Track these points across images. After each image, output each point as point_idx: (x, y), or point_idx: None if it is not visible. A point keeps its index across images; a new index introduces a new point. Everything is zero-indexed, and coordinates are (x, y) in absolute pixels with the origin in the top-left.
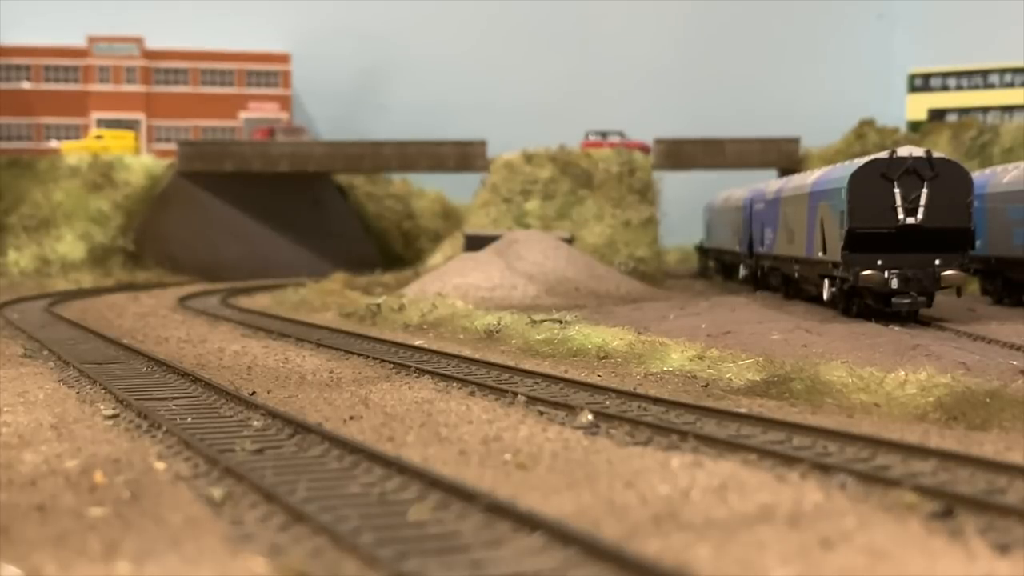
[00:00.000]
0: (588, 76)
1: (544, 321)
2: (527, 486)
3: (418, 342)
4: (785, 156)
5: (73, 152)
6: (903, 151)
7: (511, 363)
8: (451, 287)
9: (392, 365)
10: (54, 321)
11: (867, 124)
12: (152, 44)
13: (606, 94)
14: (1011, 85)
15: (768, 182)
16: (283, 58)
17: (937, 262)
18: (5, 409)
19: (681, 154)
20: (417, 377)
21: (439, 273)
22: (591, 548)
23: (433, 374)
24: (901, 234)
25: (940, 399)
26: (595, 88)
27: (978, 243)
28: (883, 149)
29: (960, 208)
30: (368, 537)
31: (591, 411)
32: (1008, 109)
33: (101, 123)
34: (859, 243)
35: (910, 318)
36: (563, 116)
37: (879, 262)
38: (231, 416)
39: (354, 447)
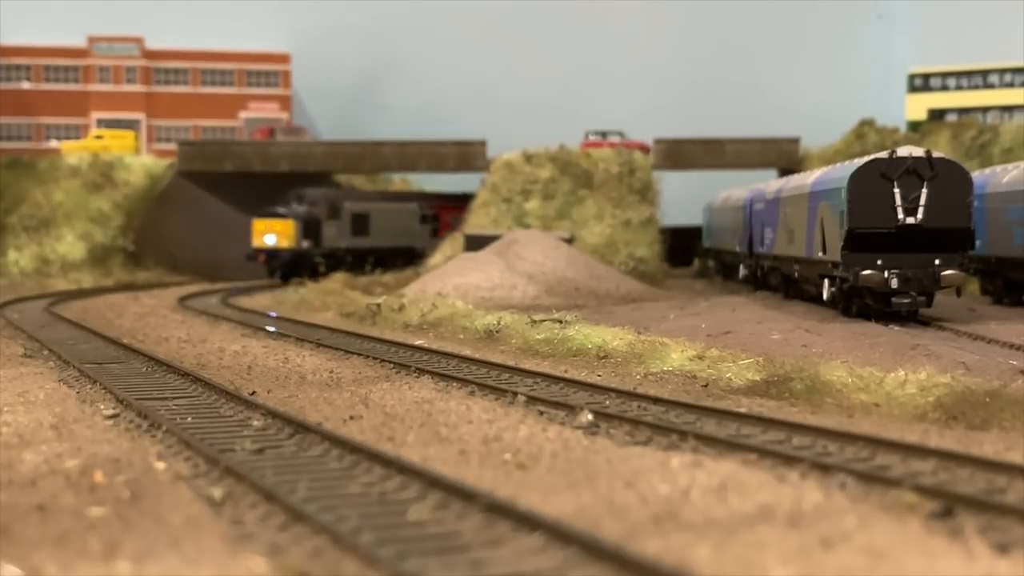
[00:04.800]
0: (588, 76)
1: (544, 321)
2: (527, 486)
3: (418, 342)
4: (785, 156)
5: (73, 152)
6: (903, 151)
7: (511, 363)
8: (451, 287)
9: (392, 365)
10: (54, 321)
11: (867, 124)
12: (152, 44)
13: (606, 94)
14: (1011, 85)
15: (768, 182)
16: (283, 58)
17: (937, 262)
18: (5, 409)
19: (681, 154)
20: (417, 377)
21: (439, 273)
22: (591, 548)
23: (433, 374)
24: (901, 234)
25: (940, 399)
26: (595, 88)
27: (978, 243)
28: (883, 149)
29: (960, 208)
30: (368, 537)
31: (591, 411)
32: (1008, 109)
33: (101, 123)
34: (859, 243)
35: (910, 318)
36: (563, 116)
37: (879, 262)
38: (231, 416)
39: (354, 447)
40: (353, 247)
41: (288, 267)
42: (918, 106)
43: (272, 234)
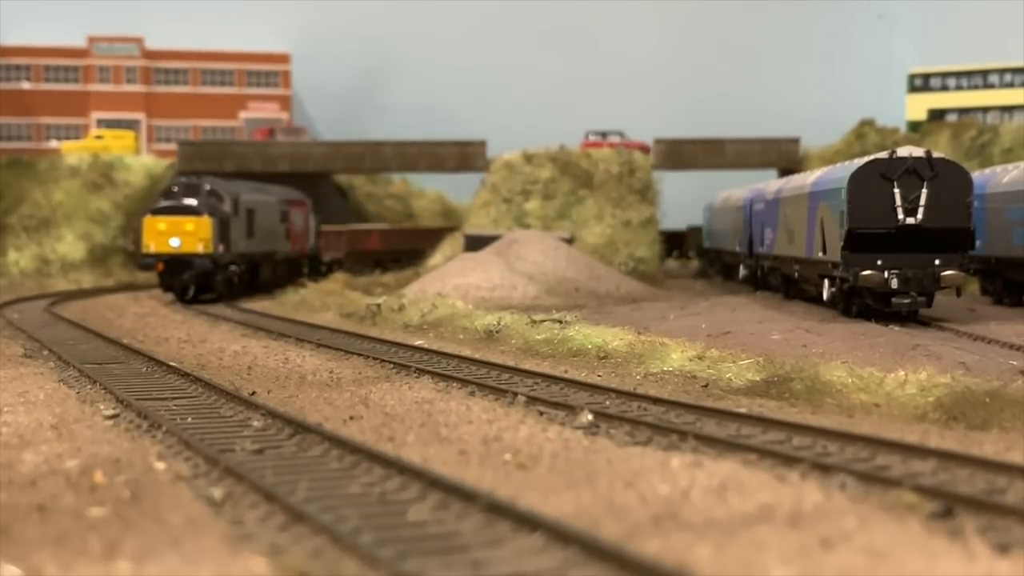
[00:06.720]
0: (588, 76)
1: (544, 321)
2: (527, 486)
3: (418, 342)
4: (785, 156)
5: (73, 152)
6: (903, 151)
7: (511, 363)
8: (451, 287)
9: (392, 365)
10: (54, 321)
11: (867, 124)
12: (152, 44)
13: (606, 94)
14: (1011, 85)
15: (768, 182)
16: (283, 58)
17: (937, 262)
18: (5, 409)
19: (681, 154)
20: (417, 377)
21: (439, 273)
22: (591, 548)
23: (433, 374)
24: (901, 234)
25: (940, 399)
26: (595, 88)
27: (978, 243)
28: (883, 149)
29: (960, 208)
30: (368, 537)
31: (591, 411)
32: (1008, 109)
33: (101, 123)
34: (859, 243)
35: (910, 318)
36: (563, 116)
37: (879, 262)
38: (231, 416)
39: (354, 447)
40: (247, 252)
41: (204, 280)
42: (918, 106)
43: (178, 236)
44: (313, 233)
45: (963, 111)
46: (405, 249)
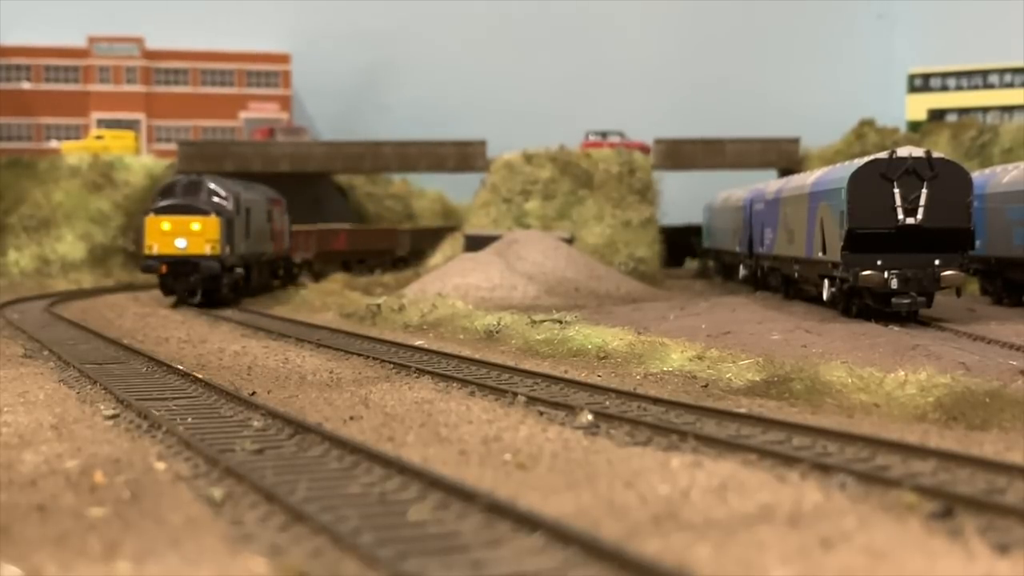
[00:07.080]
0: (588, 76)
1: (544, 321)
2: (527, 486)
3: (418, 342)
4: (785, 156)
5: (73, 152)
6: (903, 151)
7: (511, 363)
8: (451, 287)
9: (392, 365)
10: (54, 321)
11: (867, 124)
12: (152, 44)
13: (606, 94)
14: (1011, 85)
15: (768, 182)
16: (283, 58)
17: (937, 262)
18: (5, 409)
19: (681, 154)
20: (417, 377)
21: (439, 273)
22: (591, 548)
23: (433, 374)
24: (901, 234)
25: (940, 399)
26: (595, 88)
27: (978, 243)
28: (883, 149)
29: (960, 208)
30: (368, 537)
31: (591, 411)
32: (1008, 109)
33: (101, 123)
34: (859, 243)
35: (910, 318)
36: (563, 116)
37: (879, 262)
38: (231, 416)
39: (354, 447)
40: (245, 253)
41: (212, 284)
42: (918, 106)
43: (184, 237)
44: (288, 233)
45: (963, 111)
46: (371, 249)
